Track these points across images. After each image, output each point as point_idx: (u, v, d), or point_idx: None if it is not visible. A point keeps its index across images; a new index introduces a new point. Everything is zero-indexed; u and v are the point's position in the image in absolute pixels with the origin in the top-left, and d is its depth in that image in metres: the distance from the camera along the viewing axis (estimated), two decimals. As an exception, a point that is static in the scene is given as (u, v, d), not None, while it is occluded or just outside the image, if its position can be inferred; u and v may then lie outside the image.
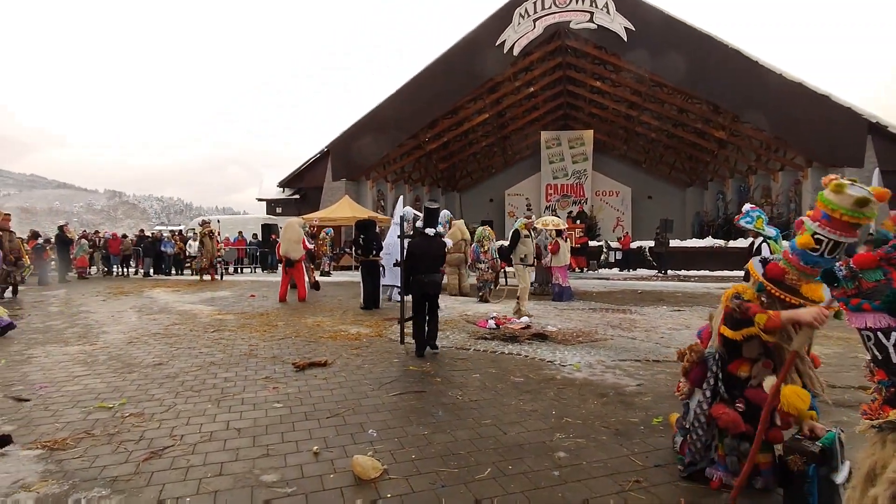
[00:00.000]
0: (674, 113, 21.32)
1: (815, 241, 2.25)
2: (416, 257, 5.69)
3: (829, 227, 2.19)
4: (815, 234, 2.25)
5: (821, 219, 2.22)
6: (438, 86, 19.67)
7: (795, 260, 2.38)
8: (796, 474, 2.29)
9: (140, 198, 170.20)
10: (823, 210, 2.20)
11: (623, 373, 4.80)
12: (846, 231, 2.18)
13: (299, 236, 10.20)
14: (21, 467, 2.84)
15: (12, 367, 5.05)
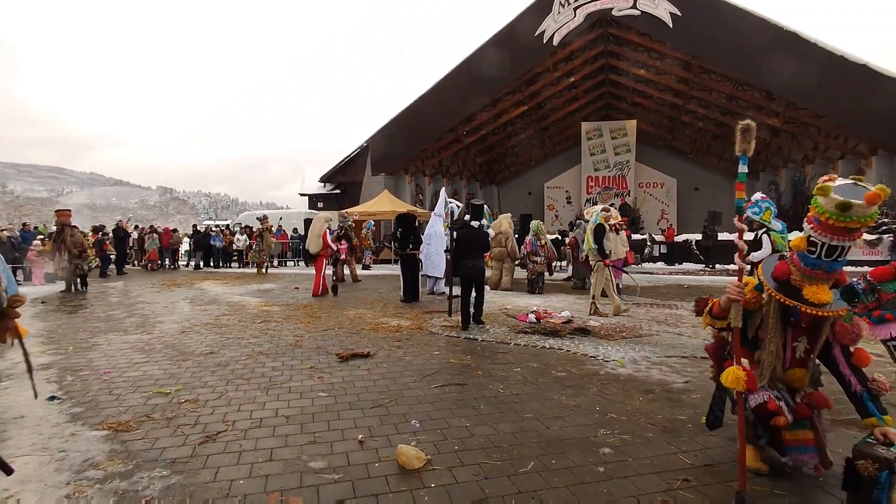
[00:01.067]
0: (723, 101, 20.42)
1: (809, 244, 2.28)
2: (462, 245, 6.69)
3: (820, 230, 2.20)
4: (809, 236, 2.27)
5: (813, 221, 2.24)
6: (476, 79, 19.54)
7: (797, 261, 2.37)
8: (866, 479, 2.18)
9: (189, 194, 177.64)
10: (814, 212, 2.22)
11: (669, 369, 4.67)
12: (836, 234, 2.17)
13: (321, 230, 10.10)
14: (90, 447, 3.03)
15: (79, 353, 5.40)
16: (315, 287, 10.11)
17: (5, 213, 68.28)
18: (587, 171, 25.34)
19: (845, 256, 2.27)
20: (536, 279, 10.44)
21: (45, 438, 3.16)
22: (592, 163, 25.24)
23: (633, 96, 23.93)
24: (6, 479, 2.62)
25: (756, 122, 7.90)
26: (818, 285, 2.32)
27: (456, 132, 21.88)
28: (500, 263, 10.94)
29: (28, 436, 3.20)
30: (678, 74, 20.14)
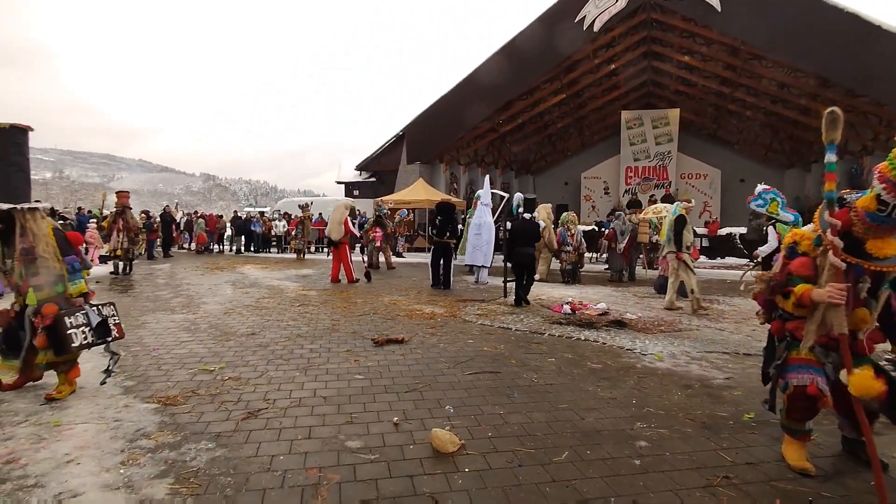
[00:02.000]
0: (773, 88, 19.45)
1: (880, 203, 2.23)
2: (516, 235, 7.61)
3: (893, 190, 2.18)
4: (879, 195, 2.23)
5: (886, 181, 2.20)
6: (513, 67, 19.25)
7: (862, 216, 2.33)
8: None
9: (231, 181, 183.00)
10: (888, 173, 2.19)
11: (710, 365, 4.54)
12: None
13: (342, 217, 10.07)
14: (142, 418, 3.20)
15: (130, 330, 5.67)
16: (333, 273, 10.05)
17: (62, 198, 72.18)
18: (626, 160, 24.68)
19: None
20: (572, 270, 10.34)
21: (101, 409, 3.35)
22: (632, 152, 24.55)
23: (677, 84, 23.08)
24: (68, 444, 2.81)
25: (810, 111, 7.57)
26: (883, 239, 2.29)
27: (492, 121, 21.69)
28: (536, 253, 10.84)
29: (86, 406, 3.40)
30: (725, 61, 19.28)
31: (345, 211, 10.19)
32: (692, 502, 2.31)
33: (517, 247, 7.50)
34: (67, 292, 3.58)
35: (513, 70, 19.24)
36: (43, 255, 3.48)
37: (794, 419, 2.64)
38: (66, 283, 3.58)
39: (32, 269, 3.47)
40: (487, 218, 10.36)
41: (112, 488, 2.36)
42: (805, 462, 2.62)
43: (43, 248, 3.50)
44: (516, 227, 7.76)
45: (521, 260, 7.42)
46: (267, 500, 2.29)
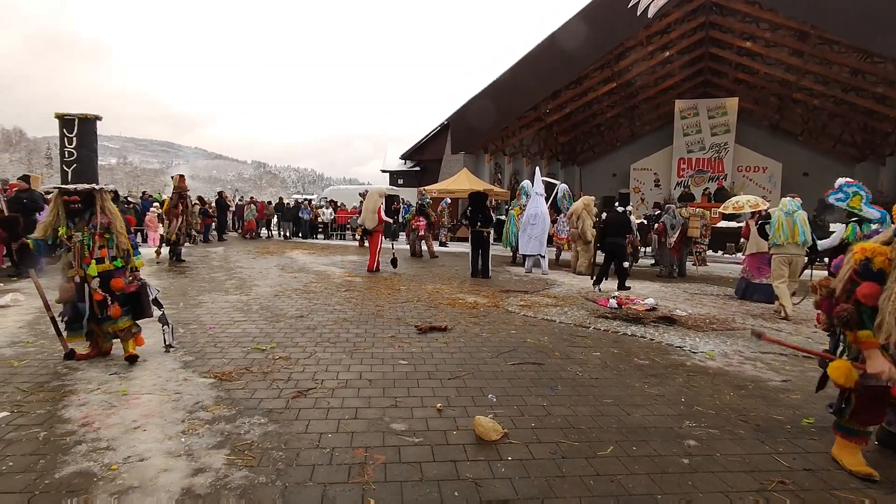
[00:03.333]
0: (845, 76, 18.14)
1: None
2: (608, 225, 8.45)
3: None
4: None
5: None
6: (563, 55, 18.79)
7: None
8: None
9: (280, 168, 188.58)
10: None
11: (765, 366, 4.35)
12: None
13: (375, 206, 9.88)
14: (200, 392, 3.39)
15: (188, 309, 5.99)
16: (370, 263, 9.92)
17: (125, 183, 76.64)
18: (679, 152, 23.70)
19: None
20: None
21: (163, 381, 3.56)
22: (685, 143, 23.55)
23: (736, 72, 21.90)
24: (135, 412, 3.01)
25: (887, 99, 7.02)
26: None
27: (538, 110, 21.32)
28: (576, 245, 10.65)
29: (150, 377, 3.63)
30: (792, 47, 18.13)
31: (379, 199, 9.99)
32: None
33: (608, 237, 8.33)
34: (132, 265, 4.03)
35: (562, 58, 18.79)
36: (120, 231, 3.94)
37: (860, 421, 2.55)
38: (132, 258, 4.04)
39: (106, 243, 3.89)
40: (542, 208, 10.28)
41: (174, 455, 2.51)
42: (866, 466, 2.50)
43: (120, 225, 3.97)
44: (609, 219, 8.48)
45: (611, 248, 8.30)
46: (316, 474, 2.38)
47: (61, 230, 3.81)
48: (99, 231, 3.85)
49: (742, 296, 7.92)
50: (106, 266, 3.87)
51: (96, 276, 3.81)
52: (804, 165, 22.99)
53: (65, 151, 3.92)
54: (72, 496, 2.15)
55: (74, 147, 3.90)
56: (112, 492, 2.18)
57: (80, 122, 3.94)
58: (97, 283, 3.83)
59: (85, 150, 3.95)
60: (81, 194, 3.81)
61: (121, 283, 3.89)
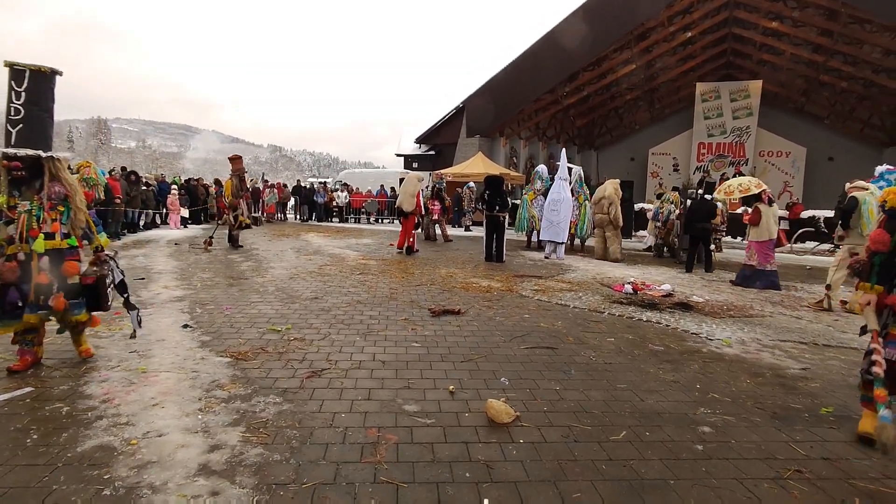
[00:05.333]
0: (876, 56, 17.46)
1: None
2: (694, 211, 8.97)
3: None
4: None
5: None
6: (581, 35, 18.37)
7: None
8: None
9: (296, 152, 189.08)
10: None
11: (784, 354, 4.27)
12: None
13: (415, 190, 10.29)
14: (216, 370, 3.44)
15: (205, 290, 6.08)
16: (400, 241, 10.35)
17: (145, 165, 77.63)
18: (699, 136, 23.19)
19: None
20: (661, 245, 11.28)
21: (181, 359, 3.63)
22: (706, 127, 23.02)
23: (761, 53, 21.22)
24: (154, 389, 3.07)
25: None
26: None
27: (555, 93, 20.96)
28: (601, 231, 10.38)
29: (168, 356, 3.70)
30: (820, 26, 17.48)
31: (418, 184, 10.49)
32: (759, 493, 2.20)
33: (695, 222, 8.85)
34: (95, 243, 3.54)
35: (581, 39, 18.37)
36: (79, 207, 3.43)
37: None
38: (95, 235, 3.55)
39: (60, 217, 3.37)
40: (566, 193, 10.14)
41: (192, 432, 2.56)
42: (870, 428, 2.60)
43: (80, 200, 3.44)
44: (694, 206, 9.04)
45: (696, 233, 8.91)
46: (329, 454, 2.41)
47: (1, 199, 3.26)
48: (51, 202, 3.32)
49: (743, 283, 7.62)
50: (56, 243, 3.32)
51: (43, 252, 3.25)
52: (829, 150, 22.33)
53: (11, 108, 3.26)
54: (93, 469, 2.21)
55: (22, 104, 3.25)
56: (132, 465, 2.24)
57: (33, 75, 3.28)
58: (46, 262, 3.27)
59: (36, 109, 3.31)
60: (25, 161, 3.21)
61: (74, 267, 3.36)
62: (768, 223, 7.45)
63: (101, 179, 10.29)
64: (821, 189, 20.91)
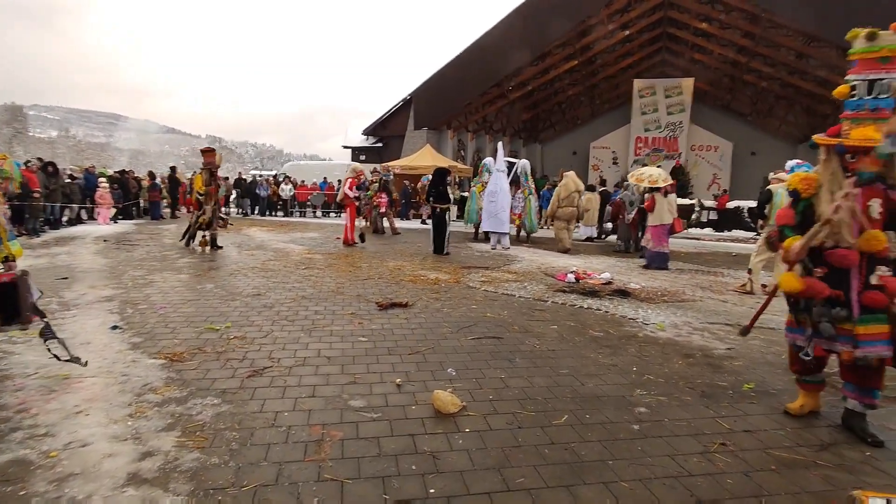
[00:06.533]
0: (791, 59, 18.87)
1: (851, 88, 2.60)
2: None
3: (856, 70, 2.58)
4: (848, 81, 2.62)
5: (851, 67, 2.62)
6: (525, 30, 18.68)
7: (845, 114, 2.64)
8: None
9: (237, 143, 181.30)
10: (851, 58, 2.61)
11: (712, 336, 4.55)
12: (870, 67, 2.53)
13: (345, 181, 10.36)
14: (149, 373, 3.26)
15: (137, 288, 5.73)
16: (345, 236, 10.22)
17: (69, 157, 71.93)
18: (636, 131, 24.22)
19: (889, 95, 2.49)
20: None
21: (109, 363, 3.40)
22: (643, 122, 24.06)
23: (692, 52, 22.42)
24: (77, 396, 2.87)
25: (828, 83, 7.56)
26: (864, 126, 2.51)
27: (501, 87, 21.23)
28: (566, 224, 10.40)
29: (94, 360, 3.45)
30: (744, 28, 18.66)
31: (350, 174, 10.36)
32: (689, 467, 2.34)
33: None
34: (5, 253, 3.03)
35: (525, 34, 18.68)
36: None
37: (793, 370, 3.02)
38: (5, 242, 3.04)
39: None
40: (503, 184, 10.29)
41: (120, 439, 2.41)
42: (794, 406, 2.93)
43: None
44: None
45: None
46: (271, 454, 2.34)
47: None
48: None
49: (649, 265, 8.50)
50: None
51: None
52: (753, 145, 23.93)
53: None
54: (6, 485, 2.03)
55: None
56: (51, 479, 2.08)
57: None
58: None
59: None
60: None
61: None
62: (661, 211, 8.49)
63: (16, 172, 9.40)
64: (746, 181, 22.40)
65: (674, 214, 8.67)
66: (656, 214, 8.58)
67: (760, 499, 2.12)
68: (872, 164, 2.53)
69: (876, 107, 2.51)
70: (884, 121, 2.48)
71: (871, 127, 2.49)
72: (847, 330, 2.59)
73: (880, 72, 2.50)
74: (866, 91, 2.53)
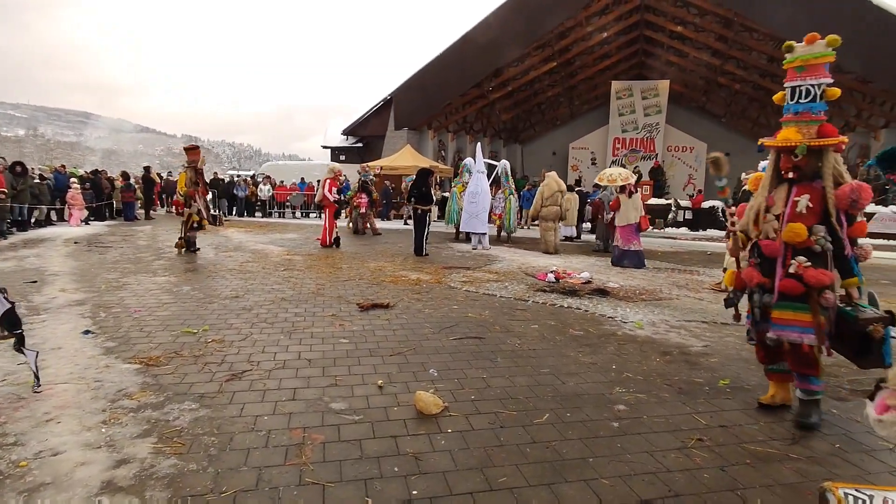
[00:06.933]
0: (763, 62, 19.36)
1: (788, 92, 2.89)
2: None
3: (786, 79, 2.90)
4: (785, 88, 2.91)
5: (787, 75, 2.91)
6: (505, 32, 18.78)
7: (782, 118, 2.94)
8: (877, 340, 2.56)
9: (214, 143, 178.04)
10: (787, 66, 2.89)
11: (688, 333, 4.65)
12: (791, 77, 2.86)
13: (324, 182, 10.22)
14: (123, 379, 3.18)
15: (111, 291, 5.59)
16: (323, 237, 10.12)
17: (37, 156, 69.64)
18: (614, 131, 24.55)
19: (809, 100, 2.78)
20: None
21: (81, 369, 3.31)
22: (620, 123, 24.41)
23: (668, 55, 22.82)
24: (48, 404, 2.79)
25: None
26: (787, 129, 2.82)
27: (482, 88, 21.30)
28: (553, 224, 10.33)
29: (65, 366, 3.36)
30: (718, 32, 19.08)
31: (329, 175, 10.24)
32: (667, 463, 2.39)
33: None
34: None
35: (504, 36, 18.78)
36: None
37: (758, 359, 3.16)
38: None
39: None
40: (484, 185, 10.34)
41: (93, 447, 2.35)
42: (765, 397, 3.06)
43: None
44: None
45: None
46: (251, 458, 2.31)
47: None
48: None
49: (616, 263, 8.74)
50: None
51: None
52: (726, 146, 24.31)
53: None
54: (-27, 497, 1.97)
55: None
56: (21, 490, 2.01)
57: None
58: None
59: None
60: None
61: None
62: (627, 210, 8.80)
63: None
64: (720, 181, 22.78)
65: (640, 213, 8.89)
66: (622, 214, 8.89)
67: (736, 492, 2.17)
68: (786, 163, 2.81)
69: (797, 111, 2.82)
70: (804, 123, 2.78)
71: (794, 129, 2.79)
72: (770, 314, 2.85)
73: (797, 80, 2.83)
74: (790, 97, 2.84)
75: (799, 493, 2.17)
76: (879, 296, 2.86)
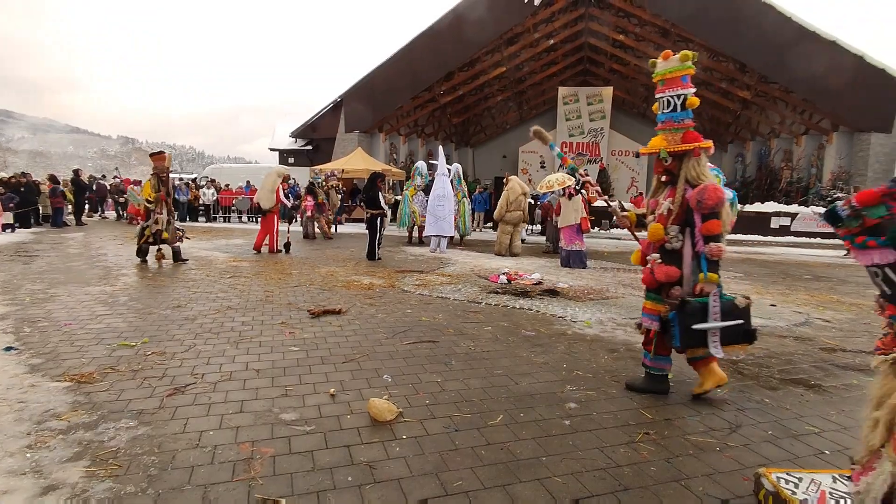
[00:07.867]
0: (697, 71, 20.42)
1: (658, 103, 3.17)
2: None
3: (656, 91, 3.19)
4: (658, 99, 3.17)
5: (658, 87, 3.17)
6: (455, 36, 18.95)
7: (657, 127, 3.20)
8: (664, 319, 3.11)
9: (153, 145, 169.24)
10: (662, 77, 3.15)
11: (634, 331, 4.82)
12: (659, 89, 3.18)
13: (274, 185, 9.71)
14: (51, 398, 2.95)
15: (37, 304, 5.19)
16: (258, 241, 9.72)
17: (-52, 159, 63.72)
18: (562, 136, 25.25)
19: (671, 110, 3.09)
20: None
21: (2, 389, 3.05)
22: (567, 128, 25.14)
23: (611, 62, 23.74)
24: (-38, 429, 2.54)
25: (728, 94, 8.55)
26: (657, 137, 3.14)
27: (433, 91, 21.37)
28: (511, 228, 10.49)
29: (-16, 386, 3.09)
30: (656, 42, 20.03)
31: (277, 178, 9.82)
32: (617, 458, 2.46)
33: None
34: None
35: (454, 40, 18.95)
36: None
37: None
38: None
39: None
40: (448, 188, 10.36)
41: (17, 474, 2.17)
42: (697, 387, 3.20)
43: None
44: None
45: None
46: (195, 476, 2.19)
47: None
48: None
49: (564, 264, 9.00)
50: None
51: None
52: (666, 151, 25.61)
53: None
54: None
55: None
56: (-69, 526, 1.83)
57: None
58: None
59: None
60: None
61: None
62: (567, 213, 9.17)
63: None
64: (661, 184, 23.90)
65: (581, 214, 9.18)
66: (563, 216, 9.24)
67: (680, 482, 2.27)
68: (658, 168, 3.16)
69: (662, 120, 3.14)
70: (669, 131, 3.09)
71: (661, 137, 3.11)
72: None
73: (660, 92, 3.15)
74: (659, 108, 3.14)
75: (737, 480, 2.30)
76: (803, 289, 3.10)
